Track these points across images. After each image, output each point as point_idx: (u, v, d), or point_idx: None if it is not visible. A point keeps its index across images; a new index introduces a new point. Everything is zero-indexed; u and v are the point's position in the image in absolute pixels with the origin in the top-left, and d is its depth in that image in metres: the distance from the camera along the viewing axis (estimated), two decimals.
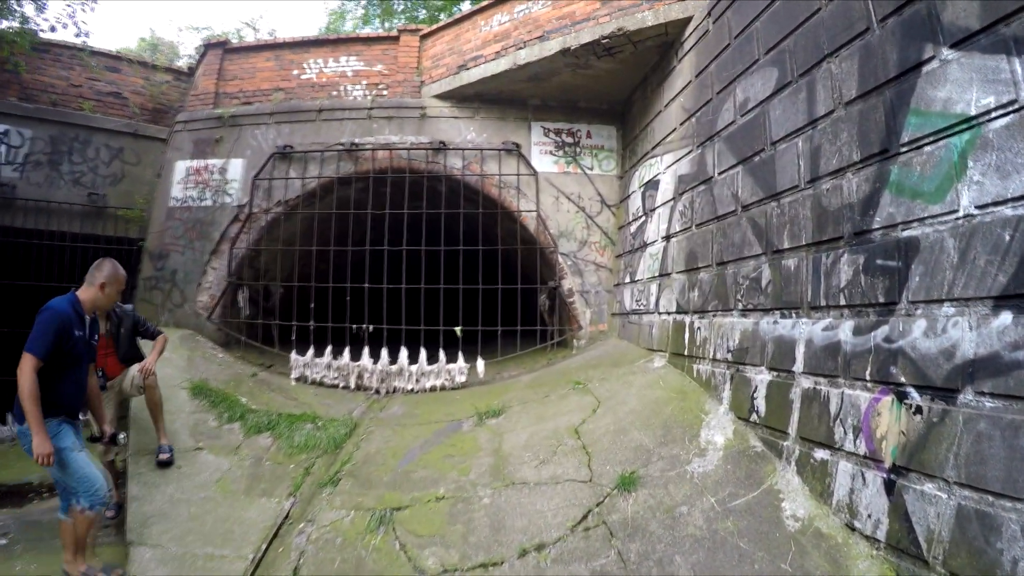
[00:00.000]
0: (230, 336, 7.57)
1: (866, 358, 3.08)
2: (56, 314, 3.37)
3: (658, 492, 3.58)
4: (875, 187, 3.15)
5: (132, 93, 8.67)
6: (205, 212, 7.86)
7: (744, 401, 4.08)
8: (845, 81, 3.42)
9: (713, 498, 3.41)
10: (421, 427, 5.36)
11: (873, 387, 3.02)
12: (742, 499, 3.37)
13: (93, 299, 3.64)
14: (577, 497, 3.71)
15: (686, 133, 5.59)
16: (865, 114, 3.26)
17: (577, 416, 4.83)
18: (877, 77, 3.18)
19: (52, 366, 3.35)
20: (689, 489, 3.54)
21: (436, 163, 7.67)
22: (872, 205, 3.16)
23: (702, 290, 4.93)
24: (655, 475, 3.72)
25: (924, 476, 2.64)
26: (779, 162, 3.98)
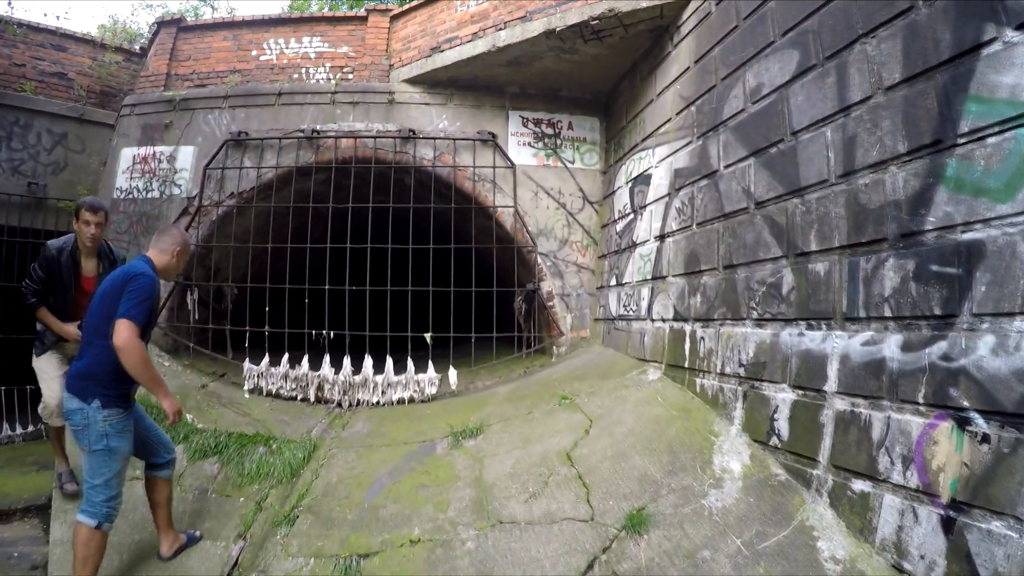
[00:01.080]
0: (178, 342, 6.84)
1: (918, 378, 2.68)
2: (151, 281, 3.21)
3: (674, 533, 3.10)
4: (927, 182, 2.76)
5: (78, 74, 7.93)
6: (152, 205, 7.14)
7: (761, 422, 3.65)
8: (885, 64, 3.03)
9: (739, 539, 2.96)
10: (389, 449, 4.78)
11: (927, 411, 2.63)
12: (772, 540, 2.92)
13: (166, 267, 3.52)
14: (579, 541, 3.20)
15: (684, 123, 5.16)
16: (912, 100, 2.87)
17: (568, 438, 4.34)
18: (926, 60, 2.80)
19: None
20: (710, 529, 3.07)
21: (405, 153, 7.08)
22: (923, 203, 2.77)
23: (706, 296, 4.50)
24: (668, 512, 3.24)
25: (991, 513, 2.28)
26: (803, 153, 3.57)
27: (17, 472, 5.14)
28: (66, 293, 3.78)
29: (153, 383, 3.17)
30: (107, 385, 3.08)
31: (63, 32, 8.01)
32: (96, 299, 3.24)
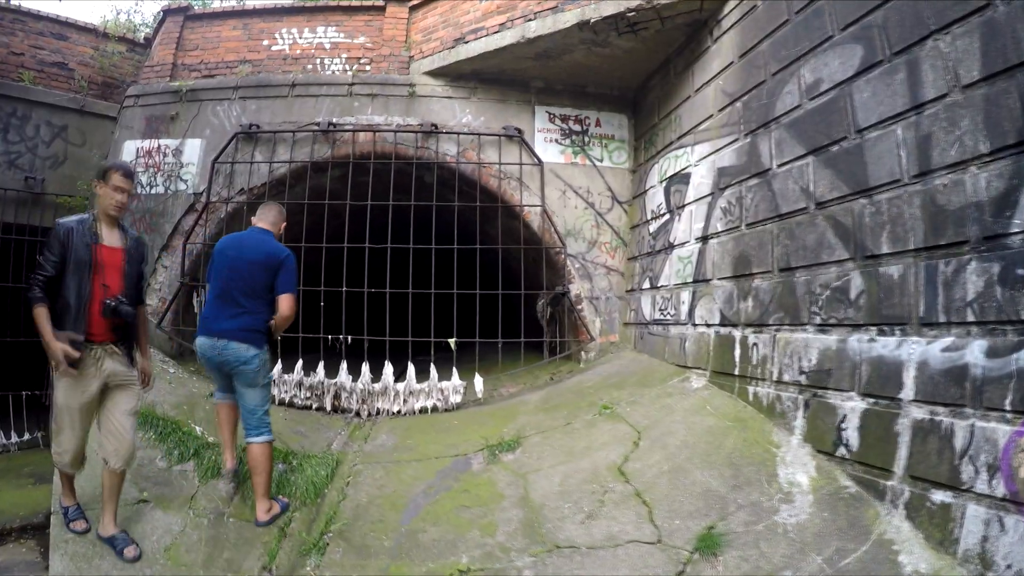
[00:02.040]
0: (184, 347, 6.82)
1: (1005, 385, 2.72)
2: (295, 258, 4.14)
3: (750, 553, 3.12)
4: (1012, 184, 2.81)
5: (80, 64, 7.88)
6: (156, 201, 7.13)
7: (827, 432, 3.69)
8: (962, 61, 3.08)
9: (820, 557, 2.99)
10: (420, 465, 4.75)
11: (1014, 419, 2.67)
12: (852, 556, 2.95)
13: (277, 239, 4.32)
14: (648, 565, 3.19)
15: (728, 120, 5.21)
16: (993, 99, 2.92)
17: (616, 451, 4.35)
18: (1007, 58, 2.85)
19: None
20: (787, 547, 3.09)
21: (426, 148, 7.11)
22: (1008, 205, 2.82)
23: (758, 299, 4.53)
24: (739, 530, 3.26)
25: None
26: (870, 152, 3.61)
27: (12, 485, 5.00)
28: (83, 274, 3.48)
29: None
30: (265, 335, 4.02)
31: (64, 20, 7.98)
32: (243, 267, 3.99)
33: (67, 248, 3.45)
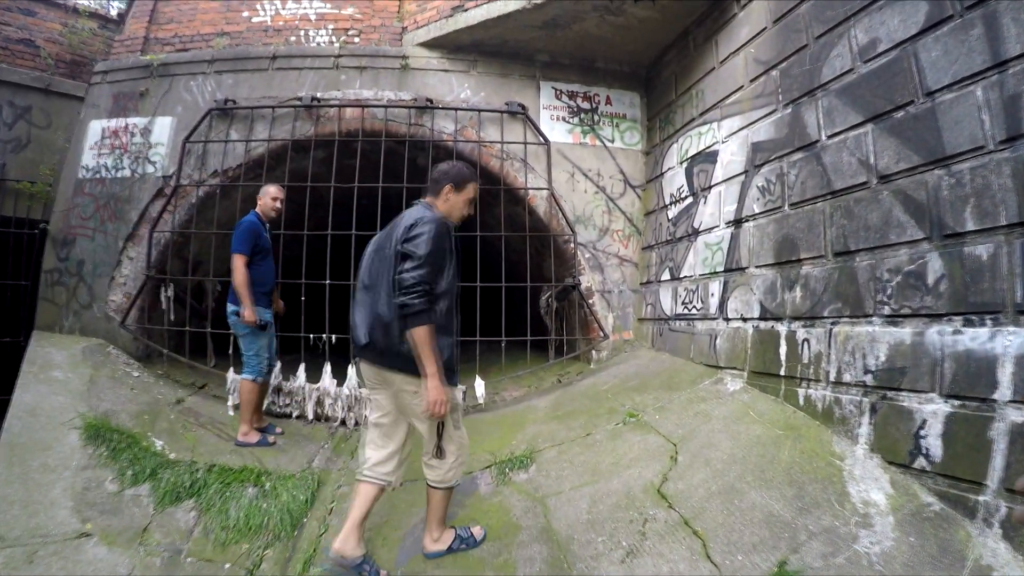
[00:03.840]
0: (151, 348, 6.36)
1: None
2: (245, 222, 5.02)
3: None
4: None
5: (47, 41, 7.54)
6: (122, 185, 6.68)
7: (901, 441, 3.33)
8: None
9: None
10: (415, 487, 4.05)
11: None
12: None
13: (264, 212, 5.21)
14: None
15: (763, 90, 4.88)
16: None
17: (651, 468, 3.92)
18: None
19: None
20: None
21: (421, 126, 6.71)
22: None
23: (808, 289, 4.18)
24: (817, 564, 2.83)
25: None
26: (945, 116, 3.28)
27: None
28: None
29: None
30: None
31: None
32: None
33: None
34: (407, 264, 2.96)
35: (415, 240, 3.00)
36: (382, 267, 3.16)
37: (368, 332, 3.15)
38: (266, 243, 5.09)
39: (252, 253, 4.91)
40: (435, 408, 2.99)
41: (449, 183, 3.37)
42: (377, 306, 3.12)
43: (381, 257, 3.21)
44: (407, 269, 2.95)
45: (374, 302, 3.14)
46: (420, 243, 2.98)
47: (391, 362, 3.12)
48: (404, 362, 3.07)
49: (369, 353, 3.20)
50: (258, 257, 4.97)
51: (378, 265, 3.20)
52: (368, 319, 3.16)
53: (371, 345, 3.15)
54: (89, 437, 4.33)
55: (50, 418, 4.39)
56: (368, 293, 3.20)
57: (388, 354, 3.11)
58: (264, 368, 5.06)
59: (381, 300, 3.10)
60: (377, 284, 3.16)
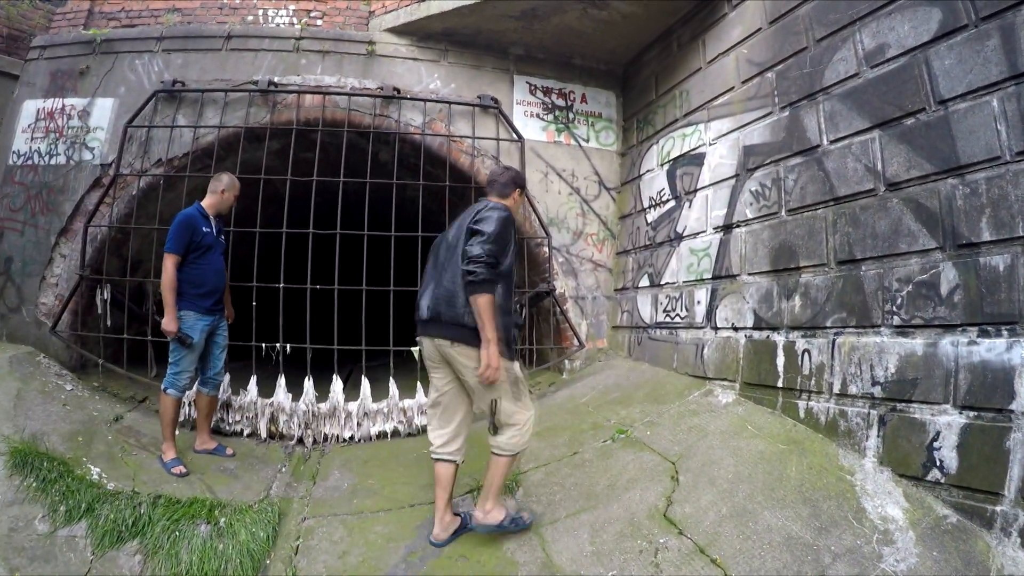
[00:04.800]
0: (85, 356, 5.99)
1: None
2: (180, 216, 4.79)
3: None
4: None
5: None
6: (55, 173, 6.30)
7: (913, 453, 3.43)
8: None
9: None
10: (391, 517, 4.06)
11: None
12: None
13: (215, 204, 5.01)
14: None
15: (757, 92, 4.99)
16: None
17: (652, 490, 3.87)
18: None
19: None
20: None
21: (386, 117, 6.58)
22: None
23: (809, 298, 4.28)
24: None
25: None
26: (959, 125, 3.41)
27: None
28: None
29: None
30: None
31: None
32: None
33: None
34: (475, 239, 3.36)
35: (484, 221, 3.42)
36: (448, 255, 3.55)
37: (432, 306, 3.50)
38: (208, 239, 4.82)
39: (187, 251, 4.68)
40: (488, 372, 3.29)
41: (517, 187, 3.94)
42: (443, 281, 3.49)
43: (447, 247, 3.60)
44: (476, 243, 3.33)
45: (439, 281, 3.52)
46: (489, 223, 3.40)
47: (452, 333, 3.43)
48: (465, 334, 3.39)
49: (431, 327, 3.52)
50: (195, 255, 4.73)
51: (445, 254, 3.60)
52: (432, 295, 3.53)
53: (434, 319, 3.49)
54: (15, 465, 3.88)
55: None
56: (431, 278, 3.62)
57: (450, 325, 3.43)
58: (183, 385, 4.75)
59: (447, 277, 3.48)
60: (443, 269, 3.54)
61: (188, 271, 4.69)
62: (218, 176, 5.06)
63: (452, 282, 3.44)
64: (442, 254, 3.63)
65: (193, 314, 4.69)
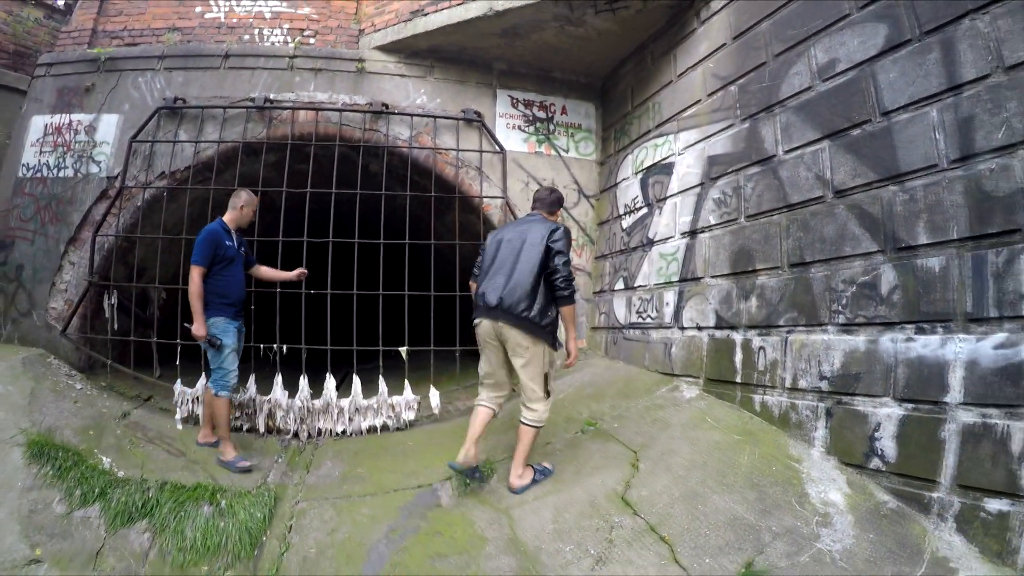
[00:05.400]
0: (94, 358, 6.09)
1: None
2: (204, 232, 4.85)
3: None
4: None
5: None
6: (64, 185, 6.40)
7: (856, 443, 3.53)
8: (1005, 41, 3.04)
9: None
10: (377, 500, 4.25)
11: None
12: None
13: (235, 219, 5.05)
14: None
15: (721, 104, 5.08)
16: None
17: (613, 475, 4.01)
18: None
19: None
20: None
21: (376, 131, 6.68)
22: None
23: (764, 299, 4.37)
24: (782, 564, 2.97)
25: None
26: (900, 135, 3.51)
27: None
28: None
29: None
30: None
31: None
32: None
33: None
34: (559, 260, 3.97)
35: (560, 242, 4.03)
36: (509, 253, 4.12)
37: (501, 297, 3.98)
38: (231, 252, 4.92)
39: (213, 263, 4.78)
40: (574, 361, 4.24)
41: (560, 207, 4.63)
42: (512, 279, 4.01)
43: (511, 247, 4.14)
44: (561, 264, 3.97)
45: (508, 277, 4.02)
46: (563, 243, 4.04)
47: (516, 321, 3.94)
48: (527, 325, 3.94)
49: (496, 312, 4.01)
50: (220, 267, 4.83)
51: (507, 252, 4.14)
52: (502, 288, 4.00)
53: (499, 306, 3.98)
54: (33, 455, 4.09)
55: None
56: (499, 272, 4.11)
57: (515, 315, 3.94)
58: (232, 385, 4.88)
59: (515, 276, 4.00)
60: (507, 265, 4.08)
61: (214, 282, 4.78)
62: (237, 192, 5.12)
63: (521, 283, 3.97)
64: (503, 253, 4.16)
65: (223, 319, 4.80)
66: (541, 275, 3.99)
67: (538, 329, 3.95)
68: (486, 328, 4.13)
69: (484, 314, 4.12)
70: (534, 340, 3.96)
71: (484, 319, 4.12)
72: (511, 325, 3.95)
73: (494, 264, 4.18)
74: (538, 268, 3.98)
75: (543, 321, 3.98)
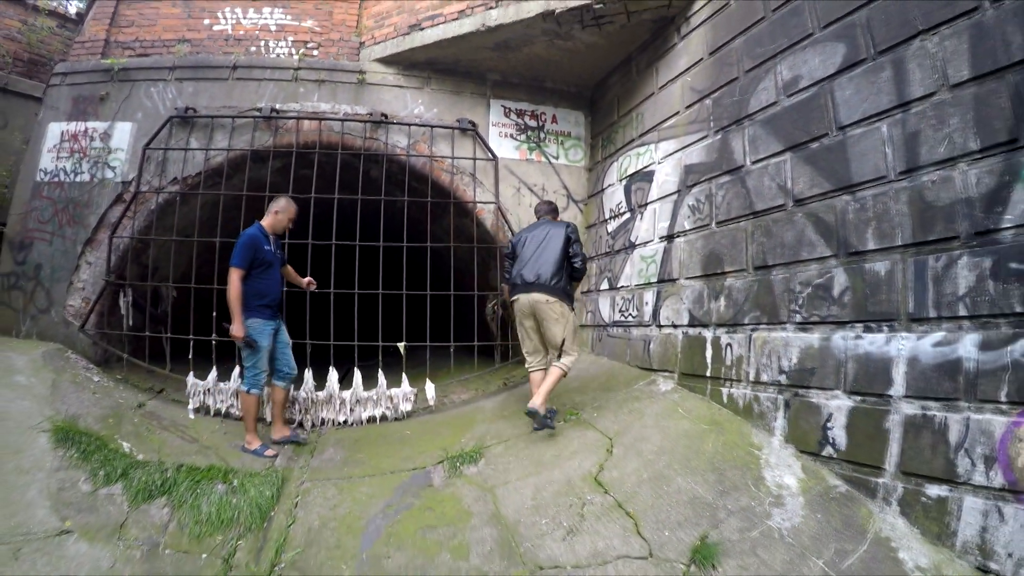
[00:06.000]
0: (109, 352, 6.28)
1: (1000, 377, 2.79)
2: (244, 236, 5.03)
3: (749, 562, 3.03)
4: (1003, 180, 2.90)
5: (5, 39, 7.34)
6: (80, 190, 6.54)
7: (810, 432, 3.69)
8: (950, 61, 3.17)
9: (820, 560, 2.95)
10: (375, 481, 4.45)
11: (1010, 410, 2.74)
12: (854, 556, 2.93)
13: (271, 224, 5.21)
14: None
15: (697, 117, 5.23)
16: (982, 99, 3.02)
17: (589, 460, 4.21)
18: (996, 59, 2.96)
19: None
20: (786, 553, 3.04)
21: (375, 140, 6.84)
22: (999, 201, 2.91)
23: (732, 299, 4.54)
24: (734, 538, 3.18)
25: None
26: (854, 149, 3.66)
27: None
28: None
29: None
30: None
31: None
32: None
33: None
34: (577, 247, 5.07)
35: (576, 233, 5.14)
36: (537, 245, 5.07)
37: (537, 274, 4.92)
38: (268, 256, 5.07)
39: (252, 267, 4.93)
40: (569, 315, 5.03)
41: (558, 213, 5.66)
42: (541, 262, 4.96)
43: (536, 241, 5.10)
44: (580, 252, 5.06)
45: (539, 263, 4.96)
46: (578, 236, 5.19)
47: (549, 290, 4.87)
48: (558, 293, 4.90)
49: (533, 286, 4.91)
50: (259, 270, 4.98)
51: (534, 244, 5.09)
52: (536, 271, 4.94)
53: (536, 282, 4.90)
54: (59, 440, 4.27)
55: (18, 422, 4.32)
56: (532, 258, 5.02)
57: (548, 286, 4.88)
58: (262, 383, 5.08)
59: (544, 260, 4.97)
60: (538, 253, 5.02)
61: (253, 284, 4.93)
62: (276, 199, 5.31)
63: (550, 262, 4.93)
64: (531, 246, 5.10)
65: (260, 321, 4.96)
66: (564, 257, 4.95)
67: (563, 294, 4.91)
68: (523, 303, 4.97)
69: (522, 290, 4.96)
70: (561, 303, 4.87)
71: (521, 294, 4.97)
72: (545, 293, 4.85)
73: (526, 254, 5.08)
74: (561, 252, 4.96)
75: (567, 289, 4.97)
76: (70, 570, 3.25)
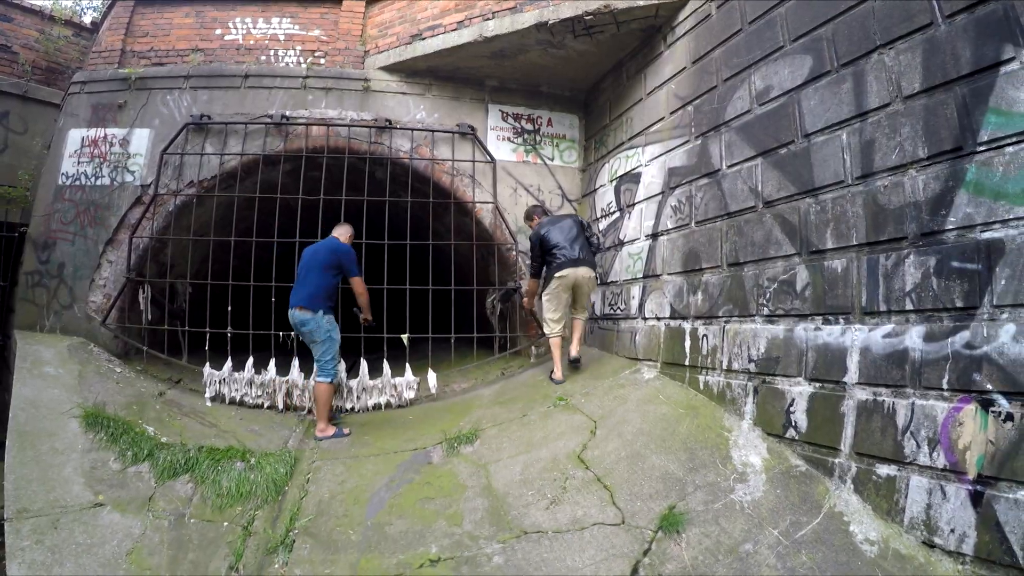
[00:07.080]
0: (129, 345, 6.53)
1: (942, 366, 2.97)
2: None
3: (711, 530, 3.27)
4: (947, 186, 3.06)
5: (24, 48, 7.47)
6: (101, 192, 6.77)
7: (776, 416, 3.90)
8: (904, 74, 3.33)
9: (776, 530, 3.16)
10: (379, 460, 4.71)
11: (952, 396, 2.92)
12: (807, 528, 3.14)
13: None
14: (615, 545, 3.29)
15: (680, 122, 5.41)
16: (932, 109, 3.17)
17: (574, 440, 4.44)
18: (945, 73, 3.12)
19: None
20: (745, 523, 3.26)
21: (380, 144, 7.06)
22: (944, 204, 3.07)
23: (708, 293, 4.74)
24: (699, 509, 3.42)
25: (1017, 484, 2.58)
26: (816, 155, 3.84)
27: None
28: None
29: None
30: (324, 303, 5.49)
31: (10, 1, 7.52)
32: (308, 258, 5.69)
33: None
34: (595, 231, 6.35)
35: (591, 227, 6.22)
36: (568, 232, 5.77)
37: (580, 254, 5.67)
38: None
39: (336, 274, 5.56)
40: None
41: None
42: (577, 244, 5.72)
43: (563, 228, 5.79)
44: (597, 235, 6.31)
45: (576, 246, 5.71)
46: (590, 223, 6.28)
47: (591, 266, 5.77)
48: (595, 267, 5.85)
49: (578, 261, 5.64)
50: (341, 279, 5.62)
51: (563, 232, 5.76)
52: (577, 251, 5.68)
53: (580, 258, 5.66)
54: (88, 424, 4.55)
55: (50, 409, 4.60)
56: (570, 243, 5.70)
57: (590, 263, 5.76)
58: (336, 372, 5.54)
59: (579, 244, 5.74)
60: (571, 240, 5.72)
61: (336, 289, 5.55)
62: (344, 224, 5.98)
63: (583, 244, 5.78)
64: (561, 234, 5.76)
65: (333, 318, 5.51)
66: (587, 239, 5.86)
67: (596, 267, 5.97)
68: (570, 276, 5.63)
69: (569, 265, 5.62)
70: (596, 274, 5.90)
71: (569, 269, 5.62)
72: (590, 268, 5.71)
73: (560, 240, 5.73)
74: (584, 236, 5.84)
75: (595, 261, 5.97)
76: (104, 537, 3.53)
